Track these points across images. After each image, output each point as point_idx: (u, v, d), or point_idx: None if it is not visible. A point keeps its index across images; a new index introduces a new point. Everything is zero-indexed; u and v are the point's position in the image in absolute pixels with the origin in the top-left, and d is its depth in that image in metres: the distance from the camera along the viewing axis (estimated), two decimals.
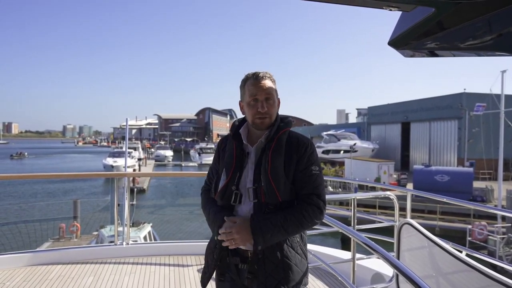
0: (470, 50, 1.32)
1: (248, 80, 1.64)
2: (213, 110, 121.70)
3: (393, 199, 3.21)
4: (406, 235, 2.73)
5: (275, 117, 1.67)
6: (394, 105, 41.80)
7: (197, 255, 4.33)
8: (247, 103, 1.64)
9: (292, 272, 1.56)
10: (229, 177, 1.62)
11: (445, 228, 18.80)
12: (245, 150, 1.66)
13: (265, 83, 1.62)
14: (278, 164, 1.56)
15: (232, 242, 1.51)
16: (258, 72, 1.65)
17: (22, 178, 5.70)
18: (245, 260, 1.60)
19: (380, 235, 3.55)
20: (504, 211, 3.86)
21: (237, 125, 1.72)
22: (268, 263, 1.55)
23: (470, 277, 2.04)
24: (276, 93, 1.67)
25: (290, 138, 1.63)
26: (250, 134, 1.70)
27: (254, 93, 1.61)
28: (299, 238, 1.63)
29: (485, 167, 27.80)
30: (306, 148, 1.60)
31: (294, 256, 1.58)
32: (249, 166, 1.63)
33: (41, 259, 4.08)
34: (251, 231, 1.49)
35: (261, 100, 1.60)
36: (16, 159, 78.54)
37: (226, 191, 1.62)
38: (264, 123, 1.62)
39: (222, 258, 1.65)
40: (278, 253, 1.55)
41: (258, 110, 1.60)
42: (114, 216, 4.56)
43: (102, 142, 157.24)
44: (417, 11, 1.09)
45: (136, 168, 42.75)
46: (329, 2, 1.01)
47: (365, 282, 3.50)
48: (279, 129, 1.63)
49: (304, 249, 1.65)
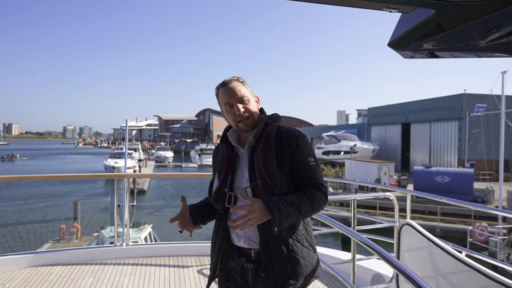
0: (470, 51, 1.32)
1: (219, 91, 1.67)
2: (214, 111, 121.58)
3: (393, 200, 3.22)
4: (406, 235, 2.73)
5: (259, 115, 1.68)
6: (395, 106, 41.82)
7: (197, 256, 4.33)
8: (225, 112, 1.67)
9: (300, 266, 1.55)
10: (221, 179, 1.64)
11: (446, 229, 18.79)
12: (235, 152, 1.67)
13: (234, 86, 1.63)
14: (269, 159, 1.55)
15: (249, 222, 1.40)
16: (225, 79, 1.67)
17: (21, 179, 5.70)
18: (250, 259, 1.60)
19: (380, 236, 3.56)
20: (504, 211, 3.86)
21: (225, 129, 1.74)
22: (275, 259, 1.53)
23: (470, 277, 2.04)
24: (249, 92, 1.67)
25: (279, 133, 1.63)
26: (240, 136, 1.71)
27: (227, 100, 1.63)
28: (304, 231, 1.61)
29: (486, 168, 27.79)
30: (297, 140, 1.59)
31: (301, 250, 1.57)
32: (243, 167, 1.64)
33: (41, 260, 4.08)
34: (267, 209, 1.42)
35: (235, 103, 1.62)
36: (7, 161, 75.58)
37: (220, 193, 1.63)
38: (247, 124, 1.63)
39: (225, 260, 1.64)
40: (284, 248, 1.53)
41: (236, 113, 1.61)
42: (114, 217, 4.56)
43: (103, 143, 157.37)
44: (416, 12, 1.09)
45: (136, 169, 42.81)
46: (328, 3, 1.01)
47: (365, 282, 3.51)
48: (266, 125, 1.63)
49: (310, 241, 1.64)
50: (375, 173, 28.20)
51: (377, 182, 26.13)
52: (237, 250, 1.64)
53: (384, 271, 3.45)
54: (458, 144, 32.42)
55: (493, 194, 22.53)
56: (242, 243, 1.62)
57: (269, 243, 1.53)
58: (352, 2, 1.05)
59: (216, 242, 1.70)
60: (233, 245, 1.65)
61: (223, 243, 1.65)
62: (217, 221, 1.71)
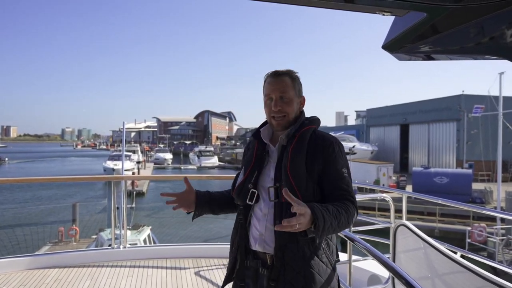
0: (465, 53, 1.33)
1: (266, 79, 1.61)
2: (212, 112, 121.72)
3: (389, 201, 3.23)
4: (401, 236, 2.74)
5: (296, 116, 1.60)
6: (393, 107, 41.90)
7: (194, 258, 4.33)
8: (264, 103, 1.62)
9: (314, 282, 1.41)
10: (246, 174, 1.58)
11: (445, 230, 18.80)
12: (266, 149, 1.61)
13: (280, 80, 1.56)
14: (298, 161, 1.47)
15: (296, 226, 1.23)
16: (277, 70, 1.60)
17: (19, 182, 5.69)
18: (265, 265, 1.51)
19: (376, 237, 3.57)
20: (497, 212, 3.87)
21: (260, 125, 1.68)
22: (289, 269, 1.43)
23: (465, 278, 2.05)
24: (295, 91, 1.59)
25: (315, 136, 1.54)
26: (274, 134, 1.65)
27: (268, 92, 1.58)
28: (325, 245, 1.48)
29: (484, 168, 27.84)
30: (333, 148, 1.50)
31: (317, 264, 1.44)
32: (271, 165, 1.57)
33: (38, 263, 4.07)
34: (313, 215, 1.27)
35: (275, 98, 1.56)
36: None
37: (243, 188, 1.57)
38: (280, 124, 1.57)
39: (241, 260, 1.57)
40: (300, 258, 1.42)
41: (272, 109, 1.56)
42: (112, 219, 4.56)
43: (101, 145, 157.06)
44: (409, 15, 1.10)
45: (135, 171, 42.73)
46: (323, 7, 1.02)
47: (361, 283, 3.51)
48: (302, 126, 1.56)
49: (330, 258, 1.50)
50: (374, 174, 28.22)
51: (376, 183, 26.14)
52: (253, 253, 1.56)
53: (380, 272, 3.46)
54: (457, 145, 32.48)
55: (492, 195, 22.56)
56: (258, 246, 1.52)
57: (285, 250, 1.43)
58: (346, 6, 1.06)
59: (235, 239, 1.63)
60: (250, 248, 1.57)
61: (241, 242, 1.58)
62: (237, 217, 1.63)
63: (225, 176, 5.27)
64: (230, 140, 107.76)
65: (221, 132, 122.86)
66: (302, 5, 1.03)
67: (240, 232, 1.59)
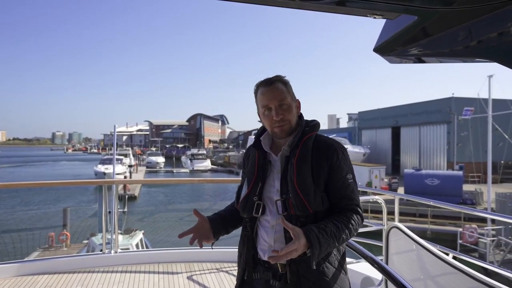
0: (455, 56, 1.34)
1: (258, 90, 1.56)
2: (205, 116, 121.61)
3: (381, 203, 3.25)
4: (394, 238, 2.75)
5: (298, 121, 1.57)
6: (384, 110, 42.30)
7: (186, 262, 4.29)
8: (261, 114, 1.56)
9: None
10: (250, 187, 1.54)
11: (437, 231, 18.99)
12: (268, 159, 1.57)
13: (275, 88, 1.52)
14: (304, 173, 1.44)
15: (289, 256, 1.27)
16: (267, 78, 1.55)
17: (8, 187, 5.59)
18: (276, 276, 1.48)
19: (369, 239, 3.58)
20: (487, 213, 3.91)
21: (259, 133, 1.63)
22: (304, 281, 1.40)
23: (457, 279, 2.06)
24: (291, 95, 1.56)
25: (317, 143, 1.51)
26: (274, 141, 1.61)
27: (265, 103, 1.52)
28: (336, 251, 1.47)
29: (474, 170, 28.20)
30: (337, 154, 1.48)
31: (330, 271, 1.43)
32: (274, 176, 1.53)
33: (28, 269, 4.00)
34: (309, 242, 1.28)
35: (274, 108, 1.51)
36: None
37: (248, 201, 1.53)
38: (283, 130, 1.53)
39: (249, 272, 1.54)
40: (314, 269, 1.37)
41: (274, 119, 1.51)
42: (103, 224, 4.50)
43: (92, 149, 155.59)
44: (400, 19, 1.11)
45: (127, 175, 42.38)
46: (314, 10, 1.02)
47: (355, 286, 3.51)
48: (304, 134, 1.53)
49: (342, 263, 1.50)
50: (366, 177, 28.40)
51: (368, 185, 26.31)
52: (263, 263, 1.52)
53: (373, 274, 3.46)
54: (447, 147, 32.88)
55: (482, 196, 22.86)
56: (267, 258, 1.46)
57: (298, 262, 1.40)
58: (338, 9, 1.06)
59: (242, 251, 1.60)
60: (259, 259, 1.54)
61: (248, 254, 1.55)
62: (243, 229, 1.61)
63: (217, 180, 5.26)
64: (223, 143, 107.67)
65: (213, 135, 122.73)
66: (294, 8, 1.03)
67: (247, 244, 1.56)
